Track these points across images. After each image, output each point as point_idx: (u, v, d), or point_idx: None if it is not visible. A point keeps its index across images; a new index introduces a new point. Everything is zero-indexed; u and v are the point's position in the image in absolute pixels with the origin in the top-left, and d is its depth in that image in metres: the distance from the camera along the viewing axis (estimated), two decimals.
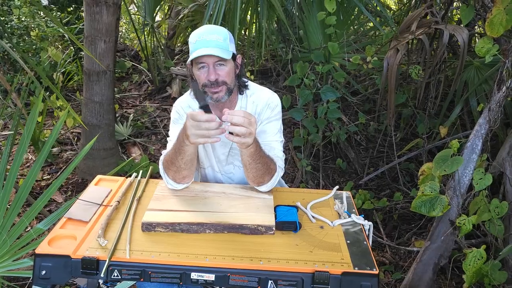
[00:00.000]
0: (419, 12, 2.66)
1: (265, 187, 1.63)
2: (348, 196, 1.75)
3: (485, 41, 1.77)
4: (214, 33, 1.56)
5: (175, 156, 1.53)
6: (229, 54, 1.56)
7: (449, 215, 1.90)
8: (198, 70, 1.59)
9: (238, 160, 1.79)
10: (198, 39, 1.55)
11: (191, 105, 1.75)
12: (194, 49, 1.54)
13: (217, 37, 1.55)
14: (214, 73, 1.55)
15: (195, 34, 1.58)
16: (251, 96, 1.75)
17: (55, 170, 3.50)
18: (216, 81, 1.56)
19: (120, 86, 5.18)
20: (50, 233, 1.43)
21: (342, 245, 1.43)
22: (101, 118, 3.24)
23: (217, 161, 1.82)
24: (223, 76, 1.57)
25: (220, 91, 1.59)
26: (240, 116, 1.32)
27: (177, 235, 1.43)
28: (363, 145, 3.80)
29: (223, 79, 1.57)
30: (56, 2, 5.20)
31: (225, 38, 1.57)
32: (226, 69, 1.58)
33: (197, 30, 1.60)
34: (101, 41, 3.03)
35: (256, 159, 1.50)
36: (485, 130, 1.84)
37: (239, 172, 1.83)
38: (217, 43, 1.54)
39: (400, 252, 2.68)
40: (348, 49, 3.18)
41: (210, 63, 1.55)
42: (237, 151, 1.76)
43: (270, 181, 1.61)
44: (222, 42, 1.55)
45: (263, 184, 1.61)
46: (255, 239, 1.43)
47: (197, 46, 1.54)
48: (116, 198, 1.62)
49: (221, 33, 1.57)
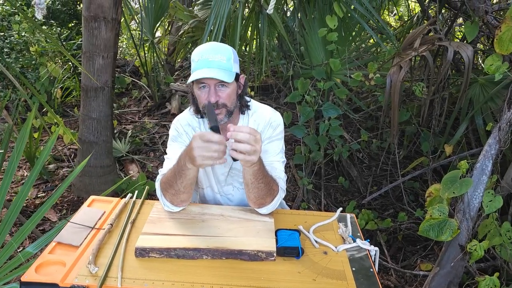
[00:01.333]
0: (422, 28, 2.62)
1: (265, 209, 1.55)
2: (352, 219, 1.67)
3: (494, 58, 1.71)
4: (218, 52, 1.48)
5: (174, 180, 1.46)
6: (231, 76, 1.49)
7: (458, 240, 1.81)
8: (199, 90, 1.52)
9: (238, 181, 1.73)
10: (201, 58, 1.48)
11: (190, 123, 1.69)
12: (196, 69, 1.48)
13: (221, 57, 1.47)
14: (215, 95, 1.49)
15: (198, 53, 1.50)
16: (252, 115, 1.69)
17: (50, 188, 3.42)
18: (216, 103, 1.49)
19: (119, 102, 5.13)
20: (38, 259, 1.35)
21: (347, 272, 1.35)
22: (98, 135, 3.18)
23: (216, 181, 1.75)
24: (224, 98, 1.51)
25: (219, 113, 1.51)
26: (246, 133, 1.25)
27: (173, 261, 1.35)
28: (365, 163, 3.72)
29: (223, 101, 1.51)
30: (56, 17, 5.19)
31: (229, 58, 1.50)
32: (228, 91, 1.51)
33: (200, 48, 1.52)
34: (99, 56, 2.98)
35: (259, 179, 1.43)
36: (495, 150, 1.77)
37: (238, 194, 1.76)
38: (219, 64, 1.47)
39: (405, 275, 2.58)
40: (350, 65, 3.14)
41: (211, 84, 1.48)
42: (237, 171, 1.70)
43: (271, 203, 1.54)
44: (226, 63, 1.48)
45: (264, 206, 1.54)
46: (255, 266, 1.35)
47: (199, 65, 1.47)
48: (109, 220, 1.54)
49: (225, 52, 1.50)
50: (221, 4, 2.76)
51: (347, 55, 3.07)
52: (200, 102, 1.54)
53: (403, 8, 6.10)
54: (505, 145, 1.76)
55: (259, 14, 3.12)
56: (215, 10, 2.76)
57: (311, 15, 3.20)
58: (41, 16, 1.58)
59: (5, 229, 1.85)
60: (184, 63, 6.32)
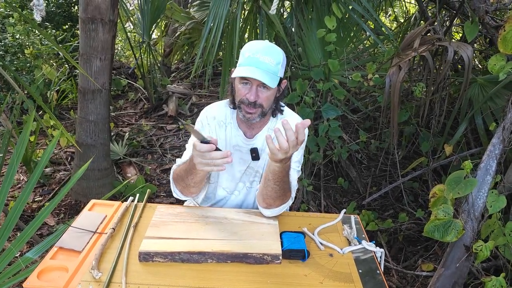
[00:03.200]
0: (421, 29, 2.62)
1: (270, 212, 1.55)
2: (356, 220, 1.66)
3: (497, 58, 1.71)
4: (269, 54, 1.49)
5: (186, 175, 1.51)
6: (276, 81, 1.49)
7: (463, 240, 1.80)
8: (240, 84, 1.54)
9: (249, 180, 1.74)
10: (251, 55, 1.49)
11: (217, 116, 1.70)
12: (244, 64, 1.49)
13: (270, 60, 1.48)
14: (255, 95, 1.51)
15: (250, 48, 1.52)
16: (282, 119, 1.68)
17: (47, 192, 3.38)
18: (254, 102, 1.52)
19: (115, 104, 5.10)
20: (40, 264, 1.32)
21: (354, 275, 1.34)
22: (96, 138, 3.14)
23: (232, 178, 1.74)
24: (262, 99, 1.53)
25: (254, 112, 1.55)
26: (292, 134, 1.25)
27: (177, 265, 1.33)
28: (364, 163, 3.72)
29: (261, 102, 1.53)
30: (51, 20, 5.15)
31: (278, 63, 1.50)
32: (268, 94, 1.53)
33: (254, 44, 1.55)
34: (96, 59, 2.95)
35: (276, 180, 1.44)
36: (499, 150, 1.77)
37: (244, 193, 1.77)
38: (268, 67, 1.47)
39: (407, 276, 2.57)
40: (348, 66, 3.13)
41: (254, 84, 1.51)
42: (252, 170, 1.72)
43: (278, 208, 1.54)
44: (274, 67, 1.49)
45: (271, 207, 1.54)
46: (260, 269, 1.34)
47: (248, 62, 1.49)
48: (111, 224, 1.52)
49: (276, 56, 1.50)
50: (220, 5, 2.75)
51: (345, 56, 3.06)
52: (238, 96, 1.56)
53: (397, 9, 6.12)
54: (509, 145, 1.76)
55: (257, 15, 3.10)
56: (213, 11, 2.75)
57: (309, 16, 3.19)
58: (39, 18, 1.56)
59: (5, 235, 1.82)
60: (181, 65, 6.29)
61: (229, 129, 1.69)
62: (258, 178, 1.71)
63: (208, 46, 2.79)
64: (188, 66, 6.07)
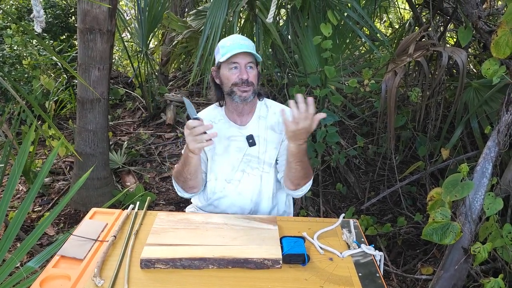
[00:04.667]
0: (416, 34, 2.65)
1: (300, 191, 1.76)
2: (355, 224, 1.68)
3: (491, 62, 1.74)
4: (245, 40, 1.73)
5: (182, 168, 1.70)
6: (259, 58, 1.72)
7: (461, 243, 1.82)
8: (229, 71, 1.69)
9: (250, 167, 1.79)
10: (232, 43, 1.68)
11: (207, 116, 1.82)
12: (228, 51, 1.65)
13: (249, 43, 1.71)
14: (246, 73, 1.67)
15: (228, 39, 1.73)
16: (270, 107, 1.84)
17: (46, 202, 3.39)
18: (247, 80, 1.67)
19: (113, 113, 5.12)
20: (42, 273, 1.33)
21: (354, 278, 1.35)
22: (95, 147, 3.16)
23: (232, 168, 1.79)
24: (252, 77, 1.70)
25: (249, 90, 1.70)
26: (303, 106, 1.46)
27: (178, 272, 1.34)
28: (362, 168, 3.74)
29: (252, 80, 1.70)
30: (49, 30, 5.18)
31: (254, 47, 1.73)
32: (254, 72, 1.71)
33: (230, 37, 1.76)
34: (95, 68, 2.98)
35: (296, 160, 1.62)
36: (494, 153, 1.79)
37: (247, 180, 1.80)
38: (249, 47, 1.68)
39: (407, 280, 2.58)
40: (344, 72, 3.16)
41: (242, 64, 1.68)
42: (250, 157, 1.78)
43: (305, 185, 1.75)
44: (253, 48, 1.71)
45: (300, 187, 1.74)
46: (261, 274, 1.35)
47: (232, 48, 1.66)
48: (112, 232, 1.53)
49: (250, 41, 1.74)
50: (216, 13, 2.78)
51: (341, 62, 3.09)
52: (230, 81, 1.70)
53: (392, 15, 6.18)
54: (504, 148, 1.79)
55: (253, 23, 3.14)
56: (210, 20, 2.78)
57: (305, 23, 3.23)
58: (40, 29, 1.58)
59: (6, 245, 1.82)
60: (178, 74, 6.33)
61: (221, 125, 1.80)
62: (260, 165, 1.79)
63: (206, 55, 2.81)
64: (186, 75, 6.10)
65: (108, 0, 2.84)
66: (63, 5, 5.45)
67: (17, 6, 5.34)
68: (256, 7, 3.07)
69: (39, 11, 1.62)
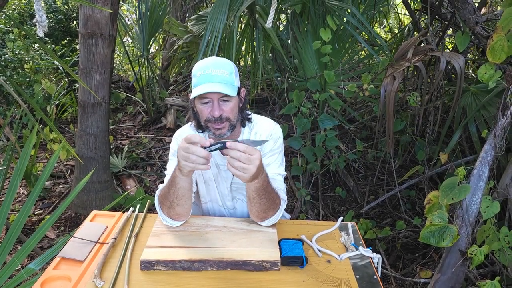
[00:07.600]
0: (415, 39, 2.68)
1: (268, 222, 1.57)
2: (353, 227, 1.69)
3: (487, 67, 1.76)
4: (220, 67, 1.48)
5: (168, 190, 1.48)
6: (234, 90, 1.48)
7: (458, 245, 1.84)
8: (202, 105, 1.51)
9: (242, 193, 1.75)
10: (203, 73, 1.47)
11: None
12: (198, 84, 1.47)
13: (223, 72, 1.47)
14: (219, 109, 1.49)
15: (199, 67, 1.49)
16: (253, 127, 1.70)
17: (47, 205, 3.40)
18: (220, 117, 1.50)
19: (114, 117, 5.14)
20: (43, 275, 1.35)
21: (351, 280, 1.36)
22: (96, 151, 3.18)
23: (220, 195, 1.77)
24: (227, 112, 1.51)
25: (223, 127, 1.52)
26: (238, 151, 1.26)
27: (178, 274, 1.36)
28: (361, 173, 3.75)
29: (227, 115, 1.51)
30: (50, 35, 5.22)
31: (231, 72, 1.49)
32: (231, 105, 1.51)
33: (202, 62, 1.52)
34: (96, 73, 3.00)
35: (261, 194, 1.44)
36: (491, 156, 1.81)
37: (242, 206, 1.78)
38: (222, 78, 1.46)
39: (405, 283, 2.59)
40: (344, 77, 3.19)
41: (214, 99, 1.48)
42: (238, 185, 1.72)
43: (273, 216, 1.55)
44: (228, 77, 1.47)
45: (266, 219, 1.55)
46: (259, 276, 1.36)
47: (201, 80, 1.46)
48: (112, 234, 1.55)
49: (226, 67, 1.49)
50: (217, 19, 2.81)
51: (341, 67, 3.12)
52: (203, 117, 1.54)
53: (392, 21, 6.22)
54: (501, 151, 1.80)
55: (253, 28, 3.17)
56: (210, 24, 2.81)
57: (305, 28, 3.26)
58: (42, 33, 1.60)
59: (7, 248, 1.84)
60: (179, 78, 6.36)
61: None
62: None
63: None
64: (186, 79, 6.13)
65: (110, 5, 2.87)
66: (65, 10, 5.50)
67: (19, 11, 5.39)
68: (256, 12, 3.10)
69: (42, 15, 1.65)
